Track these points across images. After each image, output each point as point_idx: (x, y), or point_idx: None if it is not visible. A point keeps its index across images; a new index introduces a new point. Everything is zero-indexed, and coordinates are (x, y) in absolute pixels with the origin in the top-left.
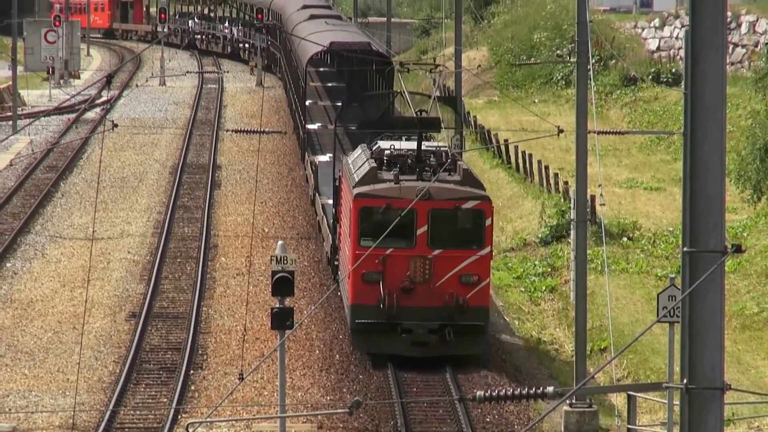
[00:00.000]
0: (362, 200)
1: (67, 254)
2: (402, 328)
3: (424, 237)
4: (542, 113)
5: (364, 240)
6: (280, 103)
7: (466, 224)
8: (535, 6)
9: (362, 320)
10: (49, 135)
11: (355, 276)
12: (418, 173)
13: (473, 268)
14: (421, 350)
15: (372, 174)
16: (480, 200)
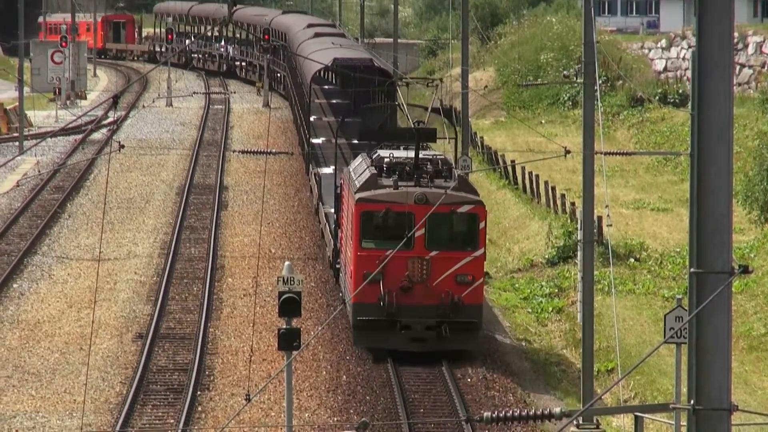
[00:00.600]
0: (363, 204)
1: (73, 275)
2: (401, 324)
3: (421, 239)
4: (549, 134)
5: (365, 242)
6: (286, 124)
7: (461, 227)
8: (542, 27)
9: (363, 317)
10: (56, 156)
11: (357, 275)
12: (416, 179)
13: (468, 269)
14: (419, 345)
15: (372, 180)
16: (474, 204)
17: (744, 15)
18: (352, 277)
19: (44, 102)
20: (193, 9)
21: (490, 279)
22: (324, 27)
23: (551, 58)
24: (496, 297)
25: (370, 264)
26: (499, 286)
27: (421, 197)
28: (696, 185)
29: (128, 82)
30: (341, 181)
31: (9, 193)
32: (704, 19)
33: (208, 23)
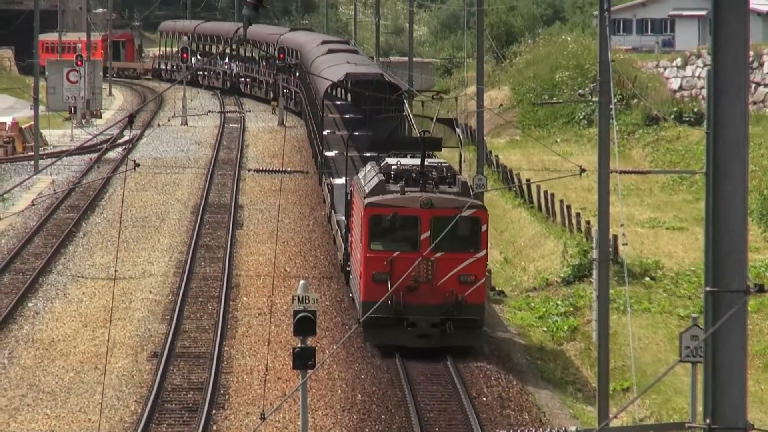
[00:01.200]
0: (372, 209)
1: (88, 294)
2: (407, 322)
3: (427, 241)
4: (564, 153)
5: (373, 244)
6: (302, 143)
7: (464, 230)
8: (557, 45)
9: (372, 315)
10: (71, 175)
11: (366, 276)
12: (422, 185)
13: (471, 269)
14: (425, 342)
15: (381, 186)
16: (477, 209)
17: (759, 34)
18: (362, 277)
19: (60, 121)
20: (199, 27)
21: (505, 297)
22: (337, 44)
23: (566, 76)
24: (512, 316)
25: (378, 265)
26: (515, 305)
27: (427, 202)
28: (711, 204)
29: (143, 101)
30: (351, 188)
31: (24, 212)
32: (719, 38)
33: (213, 42)
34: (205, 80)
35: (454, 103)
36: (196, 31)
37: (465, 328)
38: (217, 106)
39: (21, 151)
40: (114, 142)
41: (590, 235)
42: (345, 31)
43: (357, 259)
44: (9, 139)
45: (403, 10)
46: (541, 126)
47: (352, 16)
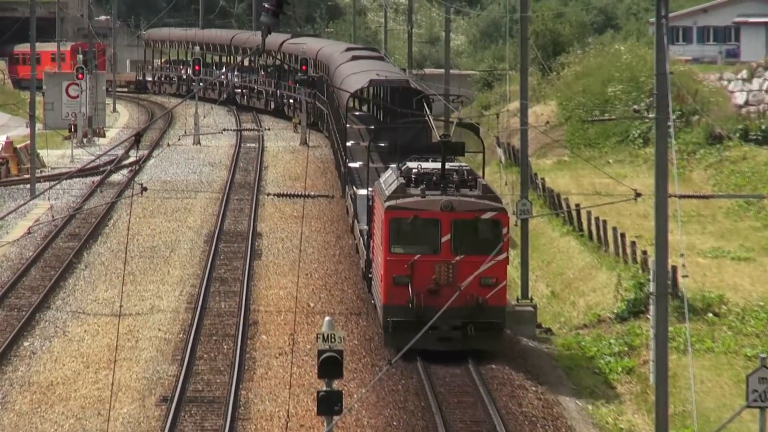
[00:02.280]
0: (392, 212)
1: (91, 332)
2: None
3: (448, 244)
4: (617, 175)
5: (394, 247)
6: (326, 164)
7: (485, 233)
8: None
9: (393, 318)
10: (71, 200)
11: (387, 279)
12: (443, 188)
13: (492, 272)
14: (446, 345)
15: (401, 189)
16: (497, 211)
17: None
18: (383, 280)
19: (58, 140)
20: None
21: (552, 336)
22: (362, 50)
23: (620, 90)
24: (560, 356)
25: (399, 268)
26: (563, 344)
27: (447, 204)
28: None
29: (151, 118)
30: (372, 193)
31: (20, 241)
32: None
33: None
34: (201, 92)
35: (495, 120)
36: (191, 39)
37: (486, 331)
38: (233, 124)
39: (16, 173)
40: (119, 164)
41: (647, 267)
42: (374, 40)
43: (378, 263)
44: (2, 161)
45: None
46: (592, 145)
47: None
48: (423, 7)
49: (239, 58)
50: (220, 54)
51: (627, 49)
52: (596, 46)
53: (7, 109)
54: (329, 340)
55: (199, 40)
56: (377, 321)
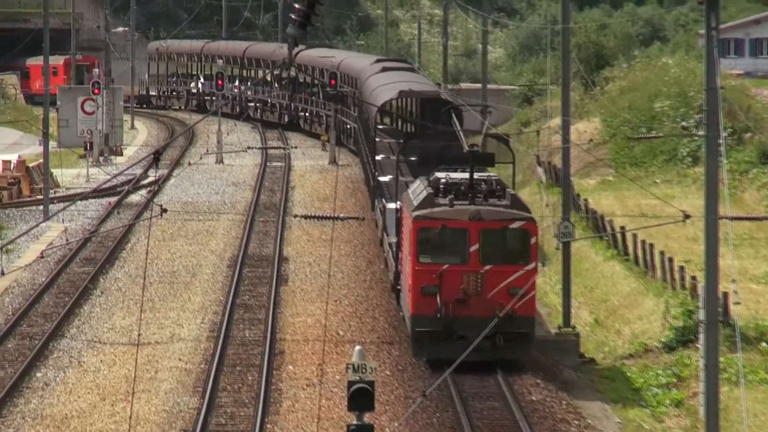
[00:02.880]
0: (420, 221)
1: (107, 362)
2: (457, 335)
3: (476, 254)
4: (665, 196)
5: (422, 257)
6: (356, 184)
7: (513, 242)
8: (657, 70)
9: (422, 329)
10: (87, 222)
11: (415, 289)
12: (471, 198)
13: (520, 282)
14: (475, 355)
15: (429, 199)
16: (526, 221)
17: None
18: (411, 290)
19: (73, 159)
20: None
21: (595, 366)
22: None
23: (667, 106)
24: (604, 388)
25: (427, 278)
26: (607, 375)
27: (475, 214)
28: None
29: (171, 135)
30: (401, 205)
31: (32, 266)
32: None
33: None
34: (212, 105)
35: (535, 137)
36: (203, 51)
37: (515, 341)
38: (258, 141)
39: (28, 194)
40: (137, 184)
41: (696, 293)
42: (407, 53)
43: (406, 273)
44: (14, 180)
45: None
46: (638, 164)
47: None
48: (459, 18)
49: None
50: (232, 66)
51: (675, 62)
52: (642, 59)
53: (19, 125)
54: (360, 370)
55: (208, 52)
56: (409, 349)
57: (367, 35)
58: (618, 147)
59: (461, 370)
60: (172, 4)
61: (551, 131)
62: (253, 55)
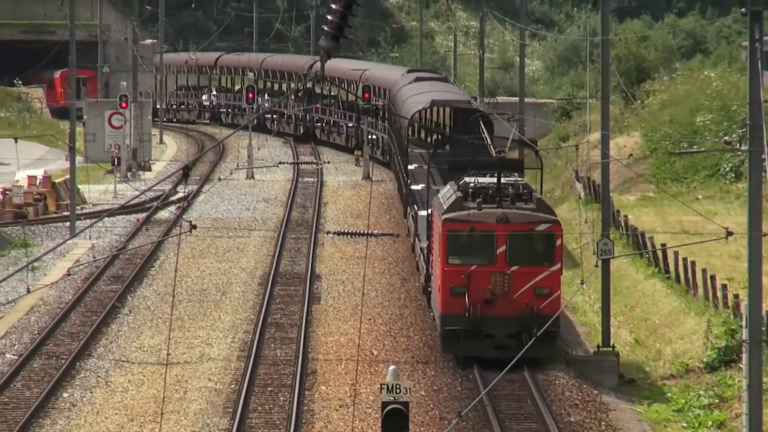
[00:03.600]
0: (450, 224)
1: (135, 382)
2: (485, 333)
3: (503, 255)
4: (707, 212)
5: (451, 258)
6: (390, 200)
7: (539, 244)
8: (699, 83)
9: (451, 327)
10: (114, 239)
11: (445, 289)
12: (498, 201)
13: (546, 282)
14: (502, 353)
15: (458, 203)
16: (551, 224)
17: None
18: (440, 291)
19: (100, 174)
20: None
21: (636, 387)
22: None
23: (709, 120)
24: (644, 409)
25: (456, 278)
26: (648, 396)
27: (503, 217)
28: None
29: (201, 150)
30: (432, 209)
31: (58, 284)
32: None
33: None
34: (228, 118)
35: (573, 152)
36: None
37: (541, 340)
38: (290, 156)
39: (54, 210)
40: (166, 200)
41: (739, 312)
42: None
43: (436, 275)
44: (40, 197)
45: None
46: (679, 180)
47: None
48: (495, 30)
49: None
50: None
51: (717, 75)
52: (684, 72)
53: (45, 140)
54: (394, 390)
55: (229, 64)
56: (445, 368)
57: (401, 47)
58: (659, 162)
59: (488, 366)
60: (202, 16)
61: (590, 146)
62: (271, 67)
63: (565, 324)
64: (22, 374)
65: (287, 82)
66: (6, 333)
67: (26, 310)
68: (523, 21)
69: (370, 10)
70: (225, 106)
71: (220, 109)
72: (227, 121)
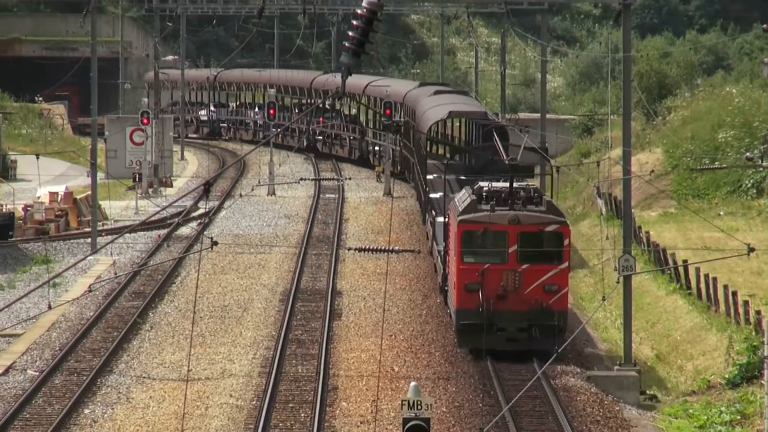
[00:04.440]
0: (465, 225)
1: (156, 398)
2: (497, 327)
3: (514, 254)
4: (729, 228)
5: (466, 257)
6: (411, 216)
7: (548, 244)
8: (720, 99)
9: (465, 321)
10: (135, 255)
11: (460, 286)
12: (510, 204)
13: (554, 279)
14: (513, 345)
15: (473, 205)
16: (560, 224)
17: None
18: (456, 287)
19: (121, 190)
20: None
21: (657, 403)
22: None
23: (731, 136)
24: (666, 425)
25: (470, 276)
26: (669, 412)
27: (514, 218)
28: None
29: (222, 166)
30: (448, 211)
31: (79, 300)
32: None
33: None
34: (230, 132)
35: (595, 168)
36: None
37: (549, 333)
38: (311, 173)
39: (75, 226)
40: (187, 216)
41: (761, 328)
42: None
43: (452, 273)
44: (61, 213)
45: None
46: (701, 196)
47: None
48: (517, 46)
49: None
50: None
51: (739, 91)
52: (705, 88)
53: (67, 156)
54: (415, 407)
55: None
56: (466, 385)
57: (422, 63)
58: (680, 178)
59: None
60: (223, 32)
61: (612, 162)
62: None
63: (586, 340)
64: (44, 390)
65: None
66: (27, 349)
67: (47, 326)
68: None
69: (391, 27)
70: (226, 121)
71: (220, 124)
72: (228, 136)
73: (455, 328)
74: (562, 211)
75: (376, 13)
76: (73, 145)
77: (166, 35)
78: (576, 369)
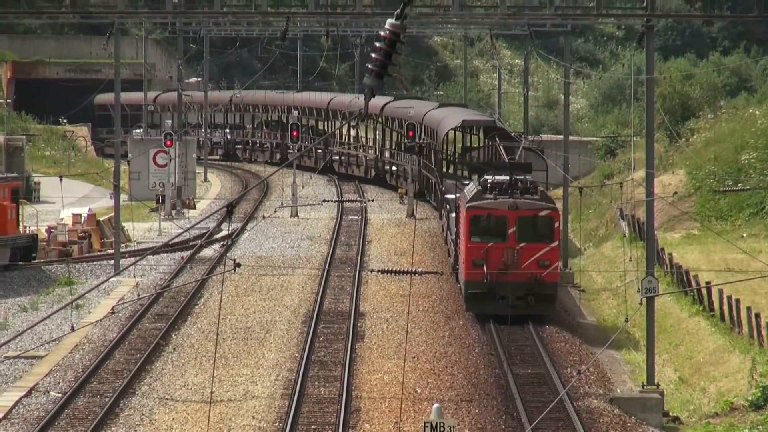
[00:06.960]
0: (472, 210)
1: (179, 420)
2: (499, 296)
3: (513, 235)
4: (752, 250)
5: (473, 237)
6: (435, 238)
7: (542, 226)
8: (743, 121)
9: (473, 291)
10: (158, 277)
11: (468, 262)
12: (510, 193)
13: (547, 256)
14: (512, 311)
15: (479, 194)
16: (551, 210)
17: None
18: (464, 263)
19: (144, 212)
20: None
21: (680, 425)
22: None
23: (754, 158)
24: None
25: (477, 253)
26: None
27: (513, 205)
28: None
29: (245, 188)
30: (458, 201)
31: (102, 322)
32: None
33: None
34: (245, 154)
35: (618, 190)
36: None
37: (543, 301)
38: (334, 194)
39: (98, 248)
40: (210, 238)
41: None
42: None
43: (461, 251)
44: (84, 234)
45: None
46: (724, 218)
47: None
48: (540, 68)
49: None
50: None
51: (762, 113)
52: (729, 109)
53: (90, 178)
54: (438, 429)
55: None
56: (489, 406)
57: (445, 85)
58: (703, 200)
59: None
60: (247, 54)
61: (635, 184)
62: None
63: (609, 362)
64: (66, 412)
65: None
66: (50, 371)
67: (70, 348)
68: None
69: (414, 48)
70: (241, 143)
71: (235, 146)
72: (244, 156)
73: (464, 297)
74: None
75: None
76: (96, 167)
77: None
78: (599, 391)
